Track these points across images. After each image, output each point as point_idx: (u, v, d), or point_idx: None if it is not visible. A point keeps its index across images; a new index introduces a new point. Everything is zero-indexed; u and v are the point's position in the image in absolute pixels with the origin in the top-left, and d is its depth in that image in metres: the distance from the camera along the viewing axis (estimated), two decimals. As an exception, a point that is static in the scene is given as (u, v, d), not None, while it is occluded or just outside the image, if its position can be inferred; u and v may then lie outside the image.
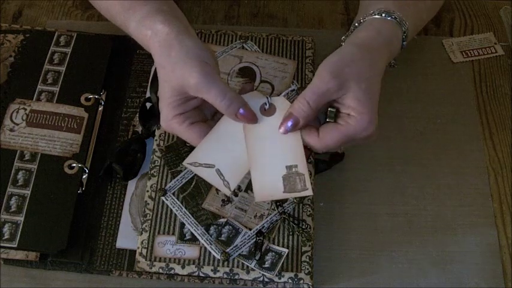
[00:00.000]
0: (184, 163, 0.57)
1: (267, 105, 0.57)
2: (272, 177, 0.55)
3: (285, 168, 0.55)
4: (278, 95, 0.57)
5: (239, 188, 0.66)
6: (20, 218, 0.64)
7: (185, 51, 0.54)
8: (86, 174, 0.68)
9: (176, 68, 0.54)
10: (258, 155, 0.56)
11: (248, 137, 0.56)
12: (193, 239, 0.63)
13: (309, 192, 0.55)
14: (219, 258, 0.62)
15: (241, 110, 0.55)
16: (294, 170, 0.55)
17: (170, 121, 0.56)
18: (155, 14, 0.56)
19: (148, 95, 0.74)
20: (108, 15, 0.63)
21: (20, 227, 0.64)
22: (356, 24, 0.61)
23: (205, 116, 0.59)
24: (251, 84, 0.60)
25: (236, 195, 0.66)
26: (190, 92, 0.54)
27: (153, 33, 0.55)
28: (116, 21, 0.61)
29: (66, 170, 0.68)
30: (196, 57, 0.54)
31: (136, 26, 0.57)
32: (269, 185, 0.55)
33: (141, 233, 0.64)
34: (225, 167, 0.56)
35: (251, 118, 0.55)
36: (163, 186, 0.66)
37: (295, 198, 0.65)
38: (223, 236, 0.63)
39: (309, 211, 0.65)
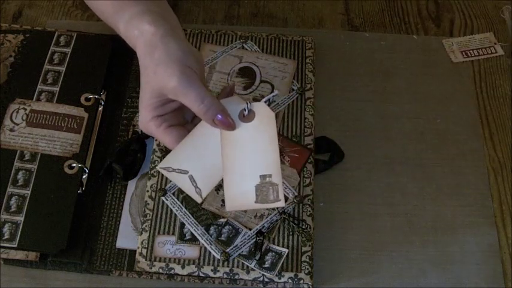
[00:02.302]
0: (158, 167, 0.56)
1: (246, 111, 0.55)
2: (245, 186, 0.54)
3: (259, 177, 0.54)
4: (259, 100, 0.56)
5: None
6: (20, 218, 0.64)
7: (168, 53, 0.53)
8: (86, 174, 0.68)
9: (157, 70, 0.53)
10: (232, 162, 0.55)
11: (224, 143, 0.55)
12: (193, 239, 0.63)
13: (281, 204, 0.53)
14: (219, 258, 0.62)
15: (218, 116, 0.53)
16: (267, 179, 0.54)
17: (148, 123, 0.56)
18: (143, 14, 0.56)
19: (148, 95, 0.74)
20: (101, 15, 0.63)
21: (20, 227, 0.64)
22: None
23: (185, 119, 0.58)
24: (231, 86, 0.59)
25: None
26: (169, 95, 0.54)
27: (140, 34, 0.55)
28: (108, 22, 0.61)
29: (66, 170, 0.68)
30: (178, 61, 0.53)
31: (125, 26, 0.57)
32: (241, 195, 0.54)
33: (141, 233, 0.64)
34: (198, 173, 0.55)
35: (229, 124, 0.54)
36: (163, 186, 0.66)
37: (295, 198, 0.65)
38: (223, 236, 0.63)
39: (309, 211, 0.65)
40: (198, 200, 0.55)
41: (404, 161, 0.72)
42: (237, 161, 0.55)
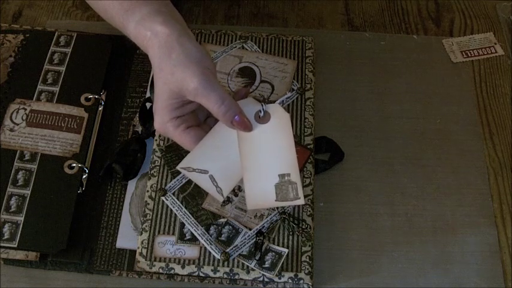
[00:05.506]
0: (178, 167, 0.56)
1: (262, 112, 0.56)
2: (264, 185, 0.55)
3: (278, 176, 0.55)
4: (274, 101, 0.57)
5: (239, 188, 0.66)
6: (20, 218, 0.64)
7: (186, 55, 0.54)
8: (86, 174, 0.68)
9: (176, 71, 0.53)
10: (251, 162, 0.56)
11: (242, 144, 0.56)
12: (193, 239, 0.63)
13: (301, 202, 0.54)
14: (219, 258, 0.62)
15: (236, 117, 0.54)
16: (286, 178, 0.55)
17: (165, 124, 0.56)
18: (155, 15, 0.56)
19: (148, 95, 0.74)
20: (106, 16, 0.63)
21: (20, 227, 0.64)
22: None
23: (200, 120, 0.59)
24: (246, 88, 0.59)
25: (236, 195, 0.66)
26: (188, 97, 0.54)
27: (153, 34, 0.55)
28: (114, 22, 0.61)
29: (66, 170, 0.68)
30: (197, 62, 0.54)
31: (135, 26, 0.57)
32: (261, 194, 0.55)
33: (141, 233, 0.64)
34: (218, 173, 0.56)
35: (246, 126, 0.55)
36: (163, 186, 0.66)
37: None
38: (223, 236, 0.63)
39: (309, 211, 0.65)
40: (220, 199, 0.56)
41: (404, 161, 0.72)
42: (255, 161, 0.56)
